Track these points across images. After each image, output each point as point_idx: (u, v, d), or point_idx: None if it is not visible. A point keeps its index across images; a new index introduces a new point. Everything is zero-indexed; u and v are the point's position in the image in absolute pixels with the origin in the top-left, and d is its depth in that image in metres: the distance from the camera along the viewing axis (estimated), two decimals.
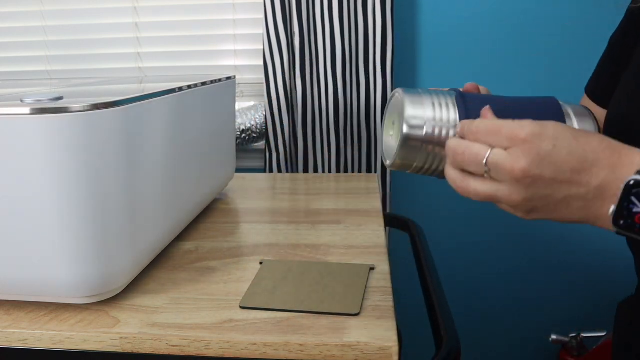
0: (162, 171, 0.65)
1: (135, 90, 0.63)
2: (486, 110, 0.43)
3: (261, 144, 1.25)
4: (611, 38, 0.64)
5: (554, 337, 1.21)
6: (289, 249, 0.72)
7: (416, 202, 1.28)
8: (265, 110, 1.19)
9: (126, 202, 0.56)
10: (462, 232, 1.29)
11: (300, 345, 0.50)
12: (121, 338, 0.52)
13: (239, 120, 1.19)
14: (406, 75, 1.21)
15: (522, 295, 1.33)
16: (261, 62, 1.22)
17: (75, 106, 0.49)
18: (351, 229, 0.79)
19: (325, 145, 1.17)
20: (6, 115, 0.48)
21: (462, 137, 0.43)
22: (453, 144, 0.43)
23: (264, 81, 1.15)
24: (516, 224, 1.27)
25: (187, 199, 0.74)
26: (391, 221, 0.97)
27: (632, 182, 0.34)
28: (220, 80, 0.85)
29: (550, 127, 0.38)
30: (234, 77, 0.93)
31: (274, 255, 0.70)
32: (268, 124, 1.18)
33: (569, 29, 1.14)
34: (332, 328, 0.52)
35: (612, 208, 0.36)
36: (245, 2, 1.22)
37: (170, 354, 0.52)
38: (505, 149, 0.39)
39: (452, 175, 0.43)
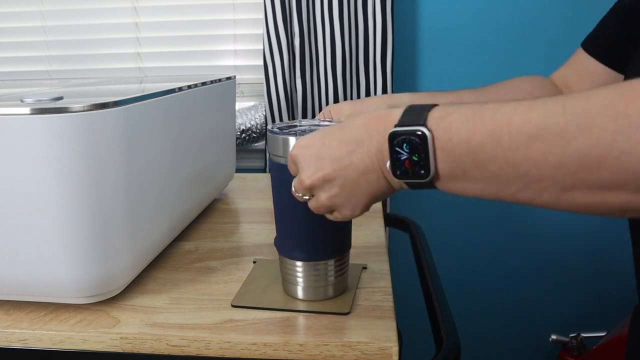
0: (162, 171, 0.64)
1: (135, 90, 0.63)
2: None
3: (261, 144, 1.24)
4: (622, 5, 0.64)
5: (554, 337, 1.21)
6: None
7: (416, 202, 1.28)
8: (265, 110, 1.19)
9: (126, 202, 0.56)
10: (462, 232, 1.29)
11: (300, 345, 0.50)
12: (121, 338, 0.52)
13: (239, 120, 1.19)
14: (406, 75, 1.21)
15: (522, 295, 1.33)
16: (261, 62, 1.22)
17: (75, 106, 0.49)
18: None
19: None
20: (6, 115, 0.48)
21: None
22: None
23: (264, 81, 1.15)
24: (516, 224, 1.27)
25: (187, 199, 0.74)
26: (391, 221, 0.97)
27: (390, 134, 0.39)
28: (220, 80, 0.85)
29: (318, 132, 0.44)
30: (234, 77, 0.93)
31: (274, 256, 0.70)
32: (268, 124, 1.18)
33: (569, 29, 1.14)
34: (332, 328, 0.52)
35: (388, 163, 0.40)
36: (245, 2, 1.22)
37: (170, 354, 0.52)
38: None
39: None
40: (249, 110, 1.22)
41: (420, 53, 1.20)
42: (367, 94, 1.14)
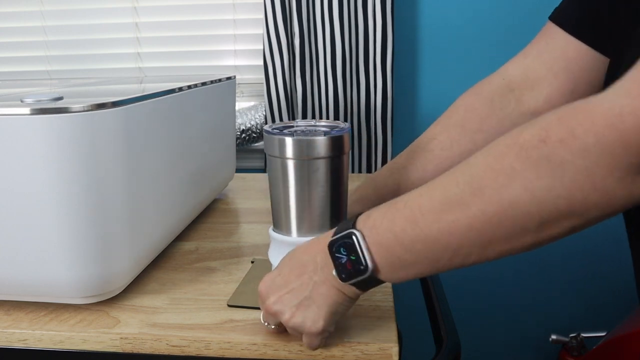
0: (162, 171, 0.64)
1: (135, 90, 0.63)
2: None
3: (261, 144, 1.24)
4: None
5: (554, 337, 1.21)
6: None
7: None
8: (265, 110, 1.19)
9: (126, 202, 0.56)
10: None
11: (301, 345, 0.50)
12: (121, 338, 0.52)
13: (239, 120, 1.19)
14: (406, 75, 1.21)
15: (522, 295, 1.33)
16: (261, 62, 1.21)
17: (75, 106, 0.49)
18: None
19: None
20: (6, 115, 0.48)
21: None
22: None
23: (264, 81, 1.15)
24: None
25: (187, 199, 0.74)
26: None
27: (329, 244, 0.44)
28: (220, 80, 0.85)
29: (276, 268, 0.50)
30: (234, 77, 0.93)
31: None
32: (268, 124, 1.18)
33: None
34: None
35: (334, 271, 0.44)
36: (245, 2, 1.22)
37: (170, 354, 0.52)
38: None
39: None
40: (249, 110, 1.22)
41: (420, 53, 1.20)
42: (367, 94, 1.14)
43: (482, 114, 0.63)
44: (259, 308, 0.56)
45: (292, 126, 0.56)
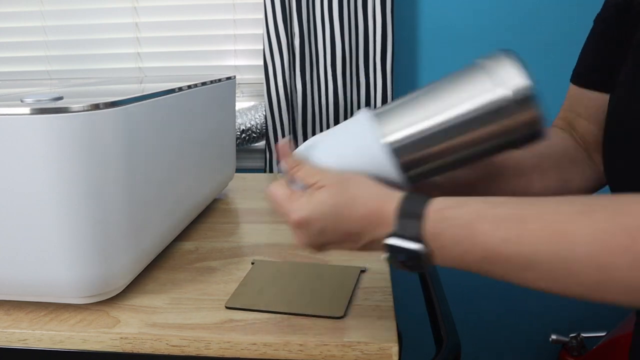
0: (162, 171, 0.64)
1: (135, 90, 0.63)
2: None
3: (261, 144, 1.24)
4: (603, 22, 0.61)
5: (554, 337, 1.21)
6: (288, 249, 0.72)
7: None
8: (265, 110, 1.19)
9: (126, 202, 0.56)
10: None
11: (300, 345, 0.50)
12: (121, 338, 0.52)
13: (239, 120, 1.19)
14: (406, 75, 1.21)
15: (523, 295, 1.33)
16: (261, 62, 1.22)
17: (75, 106, 0.49)
18: None
19: None
20: (6, 115, 0.48)
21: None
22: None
23: (264, 81, 1.15)
24: None
25: (187, 199, 0.74)
26: None
27: (386, 245, 0.42)
28: (220, 80, 0.85)
29: (318, 211, 0.44)
30: (234, 77, 0.93)
31: (273, 256, 0.70)
32: (268, 124, 1.18)
33: (569, 29, 1.14)
34: (332, 328, 0.52)
35: (383, 256, 0.43)
36: (245, 2, 1.22)
37: (170, 354, 0.52)
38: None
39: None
40: (249, 110, 1.22)
41: (420, 53, 1.20)
42: (367, 94, 1.14)
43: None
44: (257, 310, 0.56)
45: None
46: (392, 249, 0.42)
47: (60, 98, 0.53)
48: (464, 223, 0.40)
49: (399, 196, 0.43)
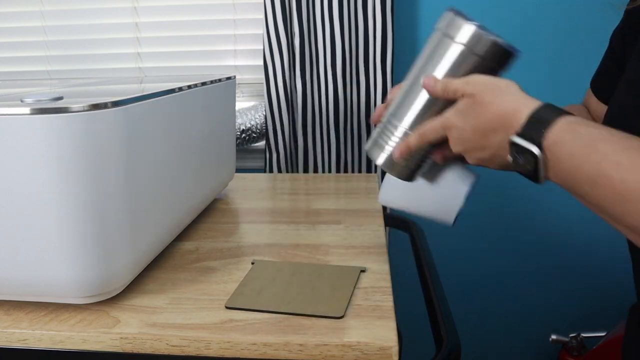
0: (162, 171, 0.64)
1: (135, 90, 0.63)
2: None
3: (261, 144, 1.24)
4: (612, 36, 0.64)
5: (554, 337, 1.21)
6: (288, 249, 0.72)
7: None
8: (265, 110, 1.19)
9: (126, 202, 0.56)
10: (462, 232, 1.29)
11: (300, 345, 0.50)
12: (121, 338, 0.52)
13: (239, 120, 1.19)
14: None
15: (522, 295, 1.33)
16: (261, 62, 1.22)
17: (75, 106, 0.49)
18: (351, 229, 0.79)
19: (325, 145, 1.17)
20: (6, 115, 0.48)
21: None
22: None
23: (264, 81, 1.15)
24: (516, 225, 1.27)
25: (187, 199, 0.74)
26: (391, 221, 0.97)
27: (511, 142, 0.45)
28: (220, 80, 0.85)
29: (463, 109, 0.50)
30: (234, 77, 0.93)
31: (273, 256, 0.70)
32: (268, 124, 1.18)
33: (570, 29, 1.14)
34: (332, 328, 0.52)
35: (510, 158, 0.46)
36: (245, 2, 1.22)
37: (170, 354, 0.52)
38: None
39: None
40: (249, 110, 1.22)
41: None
42: (367, 94, 1.14)
43: None
44: (257, 310, 0.56)
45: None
46: (514, 147, 0.44)
47: (60, 98, 0.53)
48: (587, 139, 0.41)
49: (537, 103, 0.46)
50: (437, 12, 1.17)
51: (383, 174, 1.17)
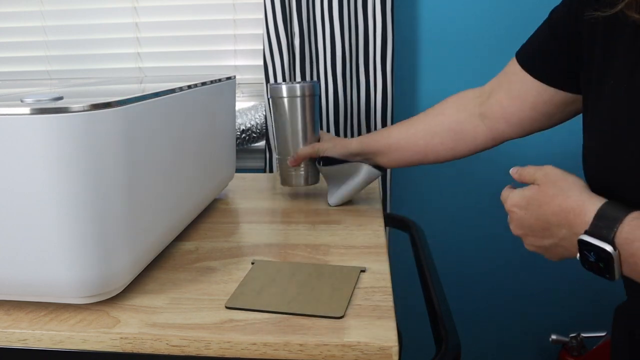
0: (162, 171, 0.65)
1: (135, 90, 0.63)
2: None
3: (261, 144, 1.24)
4: (553, 12, 0.62)
5: (554, 337, 1.21)
6: (288, 249, 0.72)
7: (416, 202, 1.28)
8: (265, 110, 1.19)
9: (126, 202, 0.56)
10: (462, 232, 1.29)
11: (300, 345, 0.50)
12: (121, 338, 0.52)
13: (239, 120, 1.19)
14: (406, 75, 1.21)
15: (522, 295, 1.33)
16: (261, 62, 1.22)
17: (75, 106, 0.49)
18: (351, 229, 0.79)
19: None
20: (6, 115, 0.48)
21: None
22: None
23: (264, 81, 1.15)
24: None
25: (187, 199, 0.74)
26: (391, 221, 0.97)
27: (579, 241, 0.45)
28: (220, 80, 0.85)
29: (528, 195, 0.53)
30: (234, 77, 0.93)
31: (273, 256, 0.70)
32: (268, 124, 1.18)
33: None
34: (332, 328, 0.52)
35: (578, 255, 0.47)
36: (245, 2, 1.22)
37: (170, 354, 0.52)
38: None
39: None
40: (249, 110, 1.22)
41: (420, 53, 1.20)
42: (367, 94, 1.14)
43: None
44: (257, 310, 0.56)
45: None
46: (585, 246, 0.44)
47: (60, 98, 0.53)
48: None
49: (602, 200, 0.46)
50: (437, 12, 1.17)
51: (382, 175, 1.17)
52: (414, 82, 1.21)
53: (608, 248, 0.42)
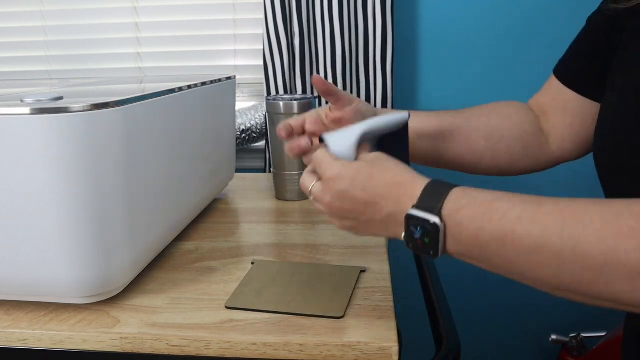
0: (162, 171, 0.65)
1: (135, 90, 0.63)
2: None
3: (261, 144, 1.24)
4: (590, 20, 0.62)
5: (554, 337, 1.21)
6: (288, 249, 0.72)
7: None
8: (265, 110, 1.19)
9: (126, 202, 0.56)
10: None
11: (300, 345, 0.50)
12: (121, 338, 0.52)
13: (239, 120, 1.19)
14: (406, 75, 1.21)
15: (523, 295, 1.33)
16: (261, 62, 1.22)
17: (75, 106, 0.49)
18: None
19: None
20: (6, 115, 0.48)
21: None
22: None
23: (264, 81, 1.15)
24: None
25: (187, 199, 0.74)
26: None
27: (407, 215, 0.43)
28: (220, 80, 0.85)
29: (352, 168, 0.47)
30: (234, 77, 0.93)
31: (273, 256, 0.70)
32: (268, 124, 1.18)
33: (569, 29, 1.14)
34: (332, 328, 0.52)
35: (402, 234, 0.45)
36: (245, 2, 1.22)
37: (170, 354, 0.52)
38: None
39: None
40: (249, 110, 1.22)
41: (420, 53, 1.20)
42: (367, 94, 1.14)
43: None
44: (257, 310, 0.56)
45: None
46: (411, 220, 0.43)
47: (60, 98, 0.53)
48: (483, 201, 0.41)
49: (428, 179, 0.45)
50: (437, 12, 1.17)
51: None
52: (414, 82, 1.21)
53: (435, 219, 0.41)
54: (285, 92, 1.15)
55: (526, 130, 0.66)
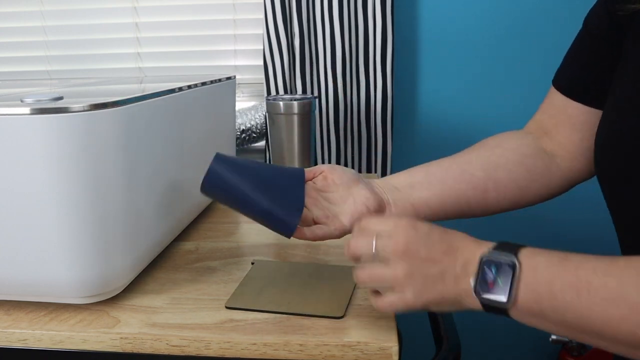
0: (162, 171, 0.65)
1: (135, 90, 0.63)
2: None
3: (261, 144, 1.24)
4: (588, 24, 0.60)
5: (554, 337, 1.21)
6: (288, 248, 0.72)
7: None
8: (265, 110, 1.19)
9: (126, 202, 0.56)
10: (462, 231, 1.29)
11: (300, 345, 0.50)
12: (121, 338, 0.52)
13: (239, 120, 1.19)
14: (406, 75, 1.21)
15: None
16: (261, 62, 1.22)
17: (75, 106, 0.49)
18: None
19: (325, 145, 1.17)
20: (6, 115, 0.48)
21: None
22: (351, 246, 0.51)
23: (264, 81, 1.15)
24: (517, 224, 1.27)
25: (187, 199, 0.74)
26: None
27: (481, 256, 0.43)
28: (220, 80, 0.85)
29: (420, 233, 0.46)
30: (234, 77, 0.93)
31: (273, 256, 0.70)
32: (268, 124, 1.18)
33: (570, 30, 1.14)
34: (332, 328, 0.52)
35: (472, 280, 0.43)
36: (245, 2, 1.22)
37: (170, 354, 0.52)
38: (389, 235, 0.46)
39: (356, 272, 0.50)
40: (249, 110, 1.22)
41: (420, 53, 1.20)
42: (367, 94, 1.14)
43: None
44: (257, 310, 0.56)
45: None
46: (487, 260, 0.42)
47: (60, 98, 0.53)
48: (556, 253, 0.41)
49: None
50: (437, 12, 1.17)
51: (382, 175, 1.17)
52: (414, 82, 1.21)
53: (513, 259, 0.41)
54: (285, 92, 1.15)
55: (524, 153, 0.61)
